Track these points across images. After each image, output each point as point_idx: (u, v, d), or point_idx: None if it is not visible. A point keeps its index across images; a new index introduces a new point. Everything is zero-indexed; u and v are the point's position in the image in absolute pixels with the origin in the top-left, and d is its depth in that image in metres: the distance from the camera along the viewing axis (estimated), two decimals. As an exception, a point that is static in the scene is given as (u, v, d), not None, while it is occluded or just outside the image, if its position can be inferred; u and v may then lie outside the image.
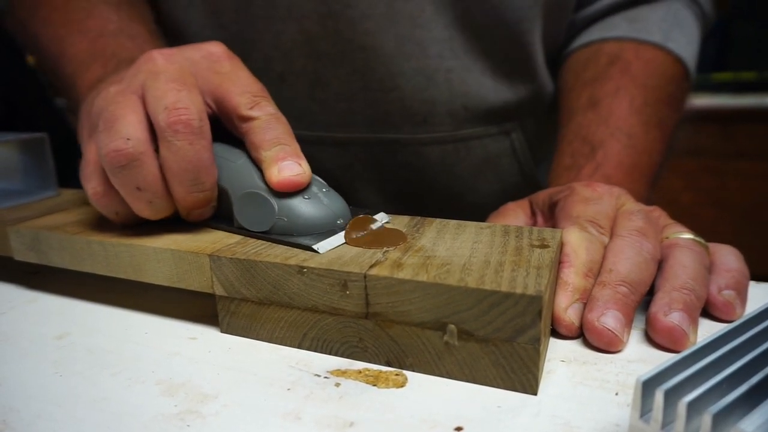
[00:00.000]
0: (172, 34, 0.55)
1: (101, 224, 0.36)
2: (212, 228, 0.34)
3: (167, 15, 0.55)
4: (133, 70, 0.33)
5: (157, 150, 0.31)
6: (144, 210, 0.32)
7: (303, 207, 0.31)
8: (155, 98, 0.30)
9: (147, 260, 0.32)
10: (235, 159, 0.33)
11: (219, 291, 0.30)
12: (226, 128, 0.34)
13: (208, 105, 0.33)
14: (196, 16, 0.53)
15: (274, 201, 0.31)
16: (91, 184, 0.32)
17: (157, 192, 0.31)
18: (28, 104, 0.90)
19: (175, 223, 0.34)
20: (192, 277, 0.30)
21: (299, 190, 0.31)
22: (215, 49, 0.34)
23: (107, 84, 0.34)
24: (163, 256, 0.31)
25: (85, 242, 0.33)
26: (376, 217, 0.33)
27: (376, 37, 0.49)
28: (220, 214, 0.34)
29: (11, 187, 0.48)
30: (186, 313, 0.34)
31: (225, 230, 0.33)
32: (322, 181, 0.33)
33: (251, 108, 0.32)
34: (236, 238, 0.32)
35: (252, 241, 0.31)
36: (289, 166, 0.31)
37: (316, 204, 0.31)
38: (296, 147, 0.32)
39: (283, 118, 0.33)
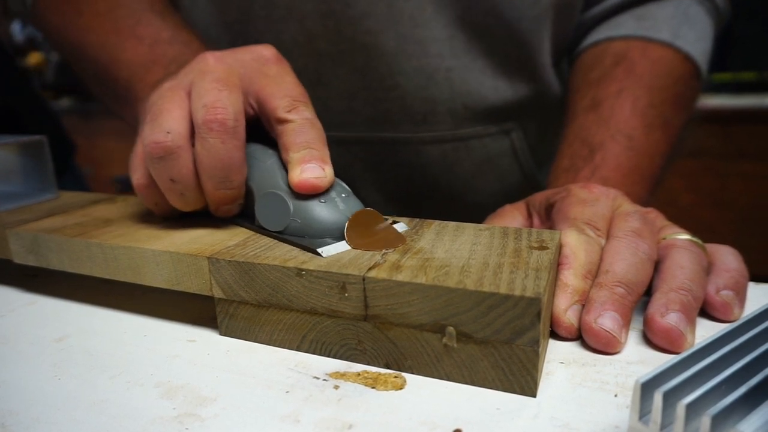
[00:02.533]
0: None
1: (100, 227, 0.36)
2: (236, 225, 0.35)
3: None
4: (187, 69, 0.34)
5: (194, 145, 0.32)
6: (176, 201, 0.33)
7: (317, 210, 0.31)
8: (198, 96, 0.32)
9: (146, 263, 0.32)
10: (266, 159, 0.34)
11: (218, 293, 0.30)
12: (265, 130, 0.35)
13: (251, 105, 0.34)
14: (201, 15, 0.53)
15: (290, 202, 0.31)
16: (136, 175, 0.34)
17: (188, 185, 0.32)
18: (22, 107, 0.90)
19: (175, 225, 0.35)
20: (191, 279, 0.30)
21: (318, 193, 0.31)
22: (266, 52, 0.35)
23: (165, 82, 0.35)
24: (161, 259, 0.31)
25: (84, 245, 0.33)
26: (396, 226, 0.32)
27: (376, 37, 0.49)
28: (246, 212, 0.35)
29: (10, 189, 0.48)
30: (185, 316, 0.34)
31: (246, 227, 0.34)
32: (345, 187, 0.33)
33: (289, 111, 0.33)
34: (236, 240, 0.32)
35: (251, 243, 0.31)
36: (311, 168, 0.31)
37: (331, 208, 0.31)
38: (325, 153, 0.33)
39: (318, 124, 0.34)
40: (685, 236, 0.33)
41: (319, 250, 0.29)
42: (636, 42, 0.51)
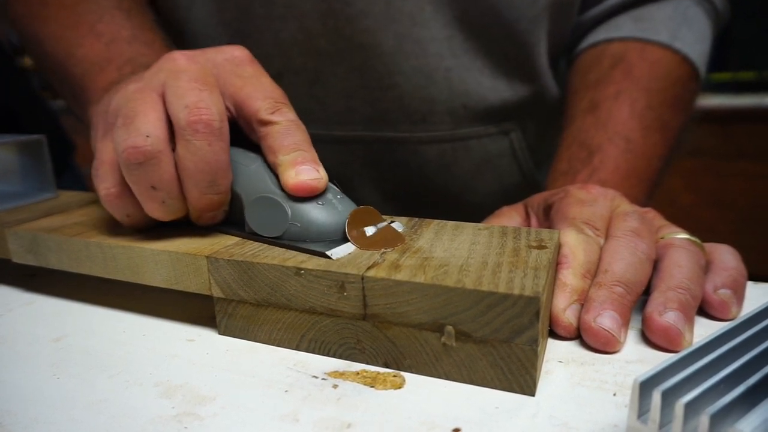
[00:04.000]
0: (173, 34, 0.55)
1: (99, 226, 0.36)
2: (222, 233, 0.33)
3: (168, 14, 0.55)
4: (154, 69, 0.33)
5: (174, 149, 0.30)
6: (156, 210, 0.31)
7: (317, 213, 0.30)
8: (176, 96, 0.30)
9: (145, 262, 0.32)
10: (249, 163, 0.33)
11: (216, 293, 0.30)
12: (242, 133, 0.34)
13: (227, 108, 0.33)
14: (199, 14, 0.53)
15: (287, 206, 0.30)
16: (105, 184, 0.32)
17: (171, 192, 0.31)
18: (21, 107, 0.90)
19: (174, 225, 0.34)
20: (189, 278, 0.30)
21: (313, 196, 0.31)
22: (238, 53, 0.34)
23: (125, 83, 0.34)
24: (160, 258, 0.31)
25: (83, 244, 0.33)
26: (393, 225, 0.32)
27: (375, 36, 0.49)
28: (230, 219, 0.34)
29: (9, 189, 0.48)
30: (184, 315, 0.34)
31: (236, 235, 0.33)
32: (337, 188, 0.33)
33: (272, 113, 0.32)
34: (235, 239, 0.32)
35: (250, 242, 0.31)
36: (306, 170, 0.30)
37: (330, 210, 0.31)
38: (314, 154, 0.32)
39: (303, 126, 0.33)
40: (683, 235, 0.33)
41: (328, 252, 0.28)
42: (634, 43, 0.51)
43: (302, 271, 0.27)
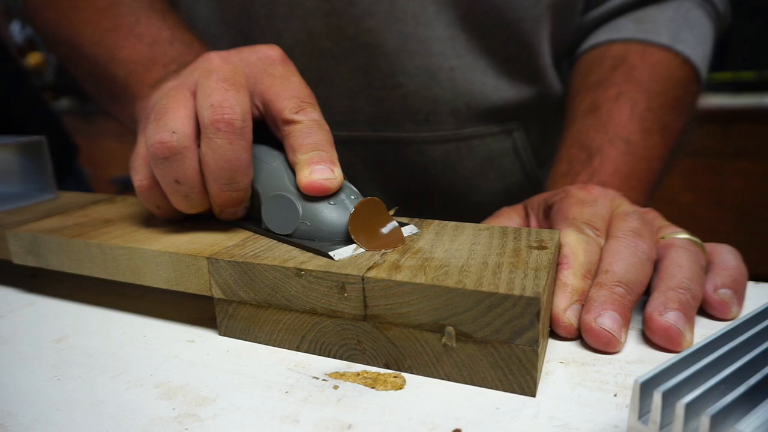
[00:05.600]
0: None
1: (100, 227, 0.36)
2: (241, 228, 0.34)
3: None
4: (191, 68, 0.34)
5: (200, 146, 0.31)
6: (180, 203, 0.33)
7: (327, 212, 0.31)
8: (204, 95, 0.31)
9: (145, 263, 0.32)
10: (271, 161, 0.33)
11: (217, 294, 0.30)
12: (270, 131, 0.35)
13: (256, 106, 0.34)
14: (201, 14, 0.53)
15: (299, 204, 0.31)
16: (138, 176, 0.33)
17: (194, 187, 0.32)
18: (25, 109, 0.90)
19: (174, 226, 0.35)
20: (190, 279, 0.30)
21: (327, 195, 0.31)
22: (272, 52, 0.35)
23: (166, 81, 0.35)
24: (161, 259, 0.31)
25: (83, 245, 0.33)
26: (404, 229, 0.32)
27: (379, 35, 0.49)
28: (251, 214, 0.35)
29: (10, 190, 0.48)
30: (184, 316, 0.34)
31: (252, 230, 0.33)
32: (353, 189, 0.33)
33: (296, 112, 0.32)
34: (235, 240, 0.32)
35: (251, 243, 0.31)
36: (321, 170, 0.31)
37: (341, 210, 0.31)
38: (333, 155, 0.32)
39: (326, 126, 0.33)
40: (683, 235, 0.33)
41: (331, 253, 0.28)
42: (635, 45, 0.51)
43: (303, 272, 0.27)
